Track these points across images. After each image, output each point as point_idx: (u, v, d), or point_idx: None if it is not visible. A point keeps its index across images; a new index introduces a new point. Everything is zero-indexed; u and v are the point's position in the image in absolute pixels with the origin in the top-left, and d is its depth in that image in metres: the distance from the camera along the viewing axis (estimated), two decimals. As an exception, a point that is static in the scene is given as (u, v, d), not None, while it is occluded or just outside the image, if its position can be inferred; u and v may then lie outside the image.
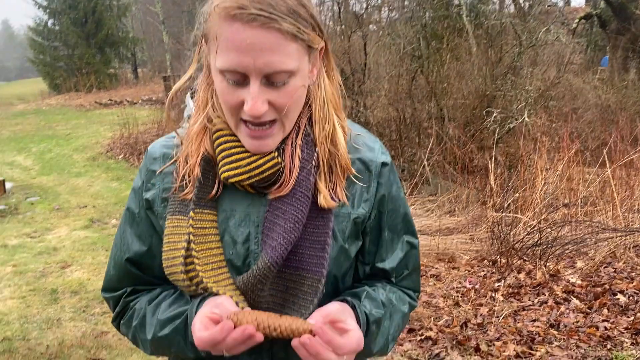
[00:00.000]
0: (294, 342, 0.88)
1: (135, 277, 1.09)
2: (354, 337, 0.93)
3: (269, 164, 1.00)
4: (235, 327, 0.88)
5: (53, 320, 4.03)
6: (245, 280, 0.98)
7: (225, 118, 1.00)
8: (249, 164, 0.99)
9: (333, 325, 0.92)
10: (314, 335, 0.88)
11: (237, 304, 0.96)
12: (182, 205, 1.02)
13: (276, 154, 1.01)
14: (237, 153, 1.00)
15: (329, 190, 1.03)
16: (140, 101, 17.59)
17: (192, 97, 1.10)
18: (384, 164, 1.11)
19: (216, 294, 0.97)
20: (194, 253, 0.98)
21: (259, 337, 0.88)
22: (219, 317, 0.90)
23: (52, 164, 10.28)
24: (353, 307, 1.01)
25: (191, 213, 1.00)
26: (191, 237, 0.98)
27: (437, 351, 3.58)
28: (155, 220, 1.07)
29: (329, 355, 0.89)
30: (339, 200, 1.04)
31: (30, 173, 9.62)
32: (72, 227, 6.48)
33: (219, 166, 1.01)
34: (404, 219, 1.14)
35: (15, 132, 13.78)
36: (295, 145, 1.01)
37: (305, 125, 1.03)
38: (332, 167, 1.04)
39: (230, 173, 1.00)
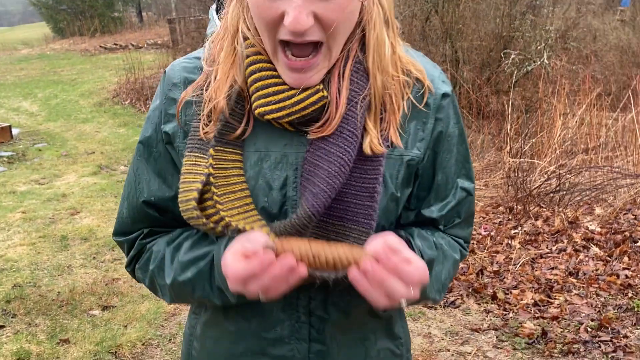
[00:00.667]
0: (353, 273, 0.77)
1: (153, 220, 0.97)
2: (420, 266, 0.80)
3: (313, 99, 0.85)
4: (276, 257, 0.77)
5: (63, 267, 4.00)
6: (282, 228, 0.84)
7: (260, 40, 0.85)
8: (289, 97, 0.85)
9: (394, 254, 0.80)
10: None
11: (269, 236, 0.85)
12: (202, 141, 0.88)
13: (321, 86, 0.86)
14: (275, 84, 0.85)
15: (380, 132, 0.89)
16: (145, 45, 17.22)
17: (217, 12, 0.95)
18: (444, 95, 0.95)
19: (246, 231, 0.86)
20: (215, 197, 0.85)
21: (302, 271, 0.76)
22: (255, 250, 0.78)
23: (58, 109, 10.15)
24: (408, 242, 0.90)
25: (211, 151, 0.86)
26: (211, 178, 0.85)
27: (452, 299, 3.53)
28: (176, 157, 0.94)
29: (395, 284, 0.77)
30: (391, 145, 0.90)
31: (37, 119, 9.50)
32: (80, 173, 6.41)
33: (253, 99, 0.87)
34: (462, 160, 0.99)
35: (20, 78, 13.59)
36: (343, 76, 0.86)
37: (356, 51, 0.87)
38: (385, 103, 0.89)
39: (267, 109, 0.85)
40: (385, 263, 0.76)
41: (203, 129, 0.88)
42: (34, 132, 8.48)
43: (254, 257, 0.76)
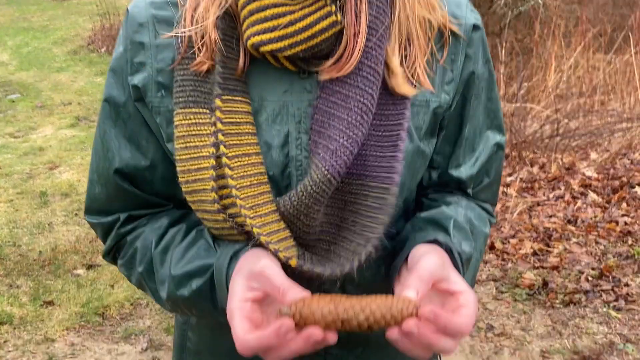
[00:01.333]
0: (393, 334, 0.59)
1: (130, 196, 0.79)
2: (471, 306, 0.61)
3: (324, 24, 0.66)
4: (295, 325, 0.58)
5: (44, 224, 3.82)
6: (296, 203, 0.67)
7: None
8: (292, 23, 0.66)
9: (439, 288, 0.64)
10: (418, 317, 0.58)
11: (283, 261, 0.67)
12: (198, 91, 0.70)
13: (334, 8, 0.66)
14: (273, 6, 0.66)
15: (406, 69, 0.71)
16: (119, -11, 16.46)
17: None
18: (474, 28, 0.78)
19: (249, 239, 0.68)
20: (225, 160, 0.67)
21: (332, 339, 0.59)
22: (262, 314, 0.62)
23: (30, 58, 9.69)
24: (448, 251, 0.72)
25: (217, 101, 0.68)
26: (220, 136, 0.68)
27: (449, 250, 3.45)
28: (149, 116, 0.76)
29: (445, 344, 0.59)
30: (419, 85, 0.73)
31: (8, 68, 9.06)
32: (57, 125, 6.13)
33: (244, 26, 0.68)
34: (493, 108, 0.83)
35: (-12, 25, 12.93)
36: None
37: None
38: (410, 34, 0.72)
39: (263, 37, 0.67)
40: (435, 321, 0.58)
41: (189, 63, 0.70)
42: (6, 83, 8.09)
43: (271, 327, 0.58)
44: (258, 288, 0.62)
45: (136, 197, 0.79)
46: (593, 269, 3.03)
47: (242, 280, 0.63)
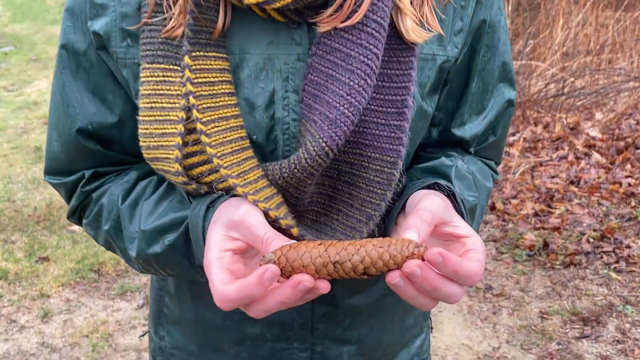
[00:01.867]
0: (393, 277, 0.51)
1: (95, 155, 0.70)
2: (480, 251, 0.53)
3: None
4: (282, 273, 0.50)
5: (39, 180, 3.77)
6: (287, 175, 0.59)
7: None
8: None
9: (442, 232, 0.56)
10: (422, 259, 0.50)
11: (287, 230, 0.58)
12: (167, 44, 0.61)
13: None
14: None
15: (415, 12, 0.62)
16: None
17: None
18: None
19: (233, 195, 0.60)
20: (200, 127, 0.58)
21: (324, 288, 0.50)
22: (243, 266, 0.54)
23: (24, 10, 9.44)
24: (451, 196, 0.63)
25: (186, 59, 0.59)
26: (192, 99, 0.59)
27: (449, 209, 3.40)
28: (115, 67, 0.66)
29: (452, 289, 0.51)
30: (430, 29, 0.63)
31: (1, 20, 8.85)
32: (52, 79, 6.01)
33: None
34: (503, 60, 0.75)
35: (-20, -25, 12.58)
36: None
37: None
38: None
39: None
40: (445, 265, 0.50)
41: (165, 25, 0.60)
42: (-1, 35, 7.92)
43: (254, 274, 0.49)
44: (239, 238, 0.54)
45: (102, 156, 0.71)
46: (595, 230, 2.99)
47: (221, 230, 0.55)
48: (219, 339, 0.76)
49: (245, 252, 0.56)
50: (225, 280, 0.51)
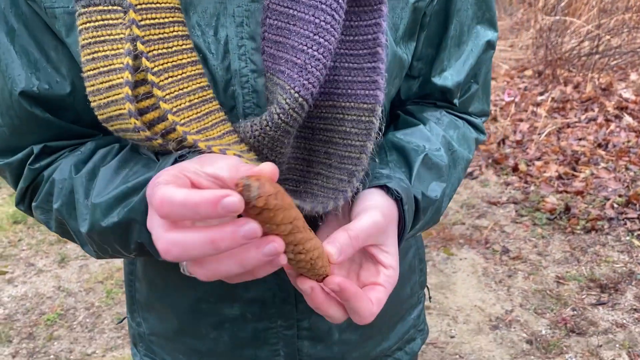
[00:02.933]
0: (303, 284, 0.49)
1: (44, 125, 0.59)
2: (386, 291, 0.52)
3: None
4: (246, 207, 0.37)
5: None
6: (258, 134, 0.52)
7: None
8: None
9: (368, 250, 0.53)
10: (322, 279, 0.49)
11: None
12: None
13: None
14: None
15: None
16: None
17: None
18: None
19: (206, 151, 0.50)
20: (151, 78, 0.50)
21: (282, 261, 0.43)
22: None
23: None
24: (398, 201, 0.56)
25: None
26: (139, 45, 0.50)
27: (470, 169, 3.32)
28: (49, 19, 0.56)
29: (334, 313, 0.51)
30: None
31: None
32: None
33: None
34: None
35: None
36: None
37: None
38: None
39: None
40: (342, 294, 0.48)
41: None
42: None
43: (205, 195, 0.37)
44: (203, 173, 0.43)
45: (53, 126, 0.60)
46: (620, 195, 2.90)
47: (183, 165, 0.45)
48: (195, 323, 0.70)
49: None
50: (169, 182, 0.40)
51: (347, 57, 0.55)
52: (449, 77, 0.68)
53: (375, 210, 0.53)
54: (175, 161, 0.50)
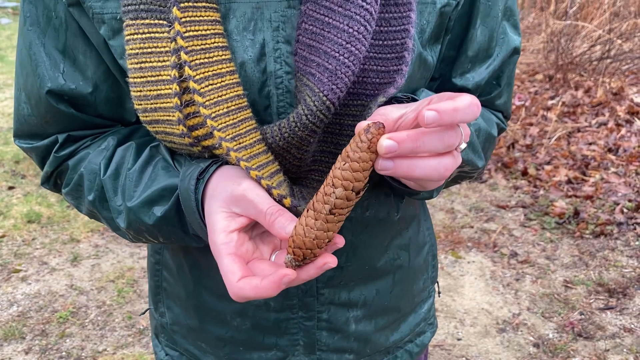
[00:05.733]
0: (376, 165, 0.46)
1: (68, 118, 0.66)
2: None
3: None
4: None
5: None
6: (287, 135, 0.56)
7: None
8: None
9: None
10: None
11: (277, 199, 0.55)
12: None
13: None
14: None
15: None
16: None
17: None
18: None
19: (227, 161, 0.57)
20: (192, 85, 0.54)
21: (341, 242, 0.51)
22: (250, 241, 0.53)
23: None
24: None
25: (175, 11, 0.54)
26: (183, 55, 0.54)
27: (479, 173, 3.33)
28: (89, 26, 0.61)
29: (444, 138, 0.44)
30: None
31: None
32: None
33: None
34: (506, 5, 0.70)
35: None
36: None
37: None
38: None
39: None
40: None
41: None
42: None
43: (271, 277, 0.48)
44: (241, 214, 0.52)
45: (76, 119, 0.66)
46: (630, 200, 2.89)
47: (221, 206, 0.53)
48: (220, 309, 0.74)
49: (250, 227, 0.54)
50: (237, 274, 0.49)
51: (377, 60, 0.58)
52: (470, 78, 0.71)
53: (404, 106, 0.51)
54: (197, 180, 0.56)
